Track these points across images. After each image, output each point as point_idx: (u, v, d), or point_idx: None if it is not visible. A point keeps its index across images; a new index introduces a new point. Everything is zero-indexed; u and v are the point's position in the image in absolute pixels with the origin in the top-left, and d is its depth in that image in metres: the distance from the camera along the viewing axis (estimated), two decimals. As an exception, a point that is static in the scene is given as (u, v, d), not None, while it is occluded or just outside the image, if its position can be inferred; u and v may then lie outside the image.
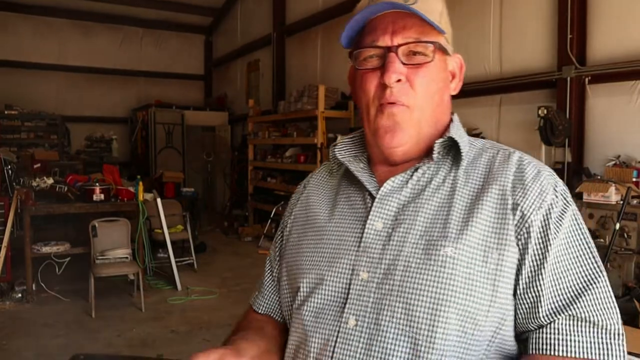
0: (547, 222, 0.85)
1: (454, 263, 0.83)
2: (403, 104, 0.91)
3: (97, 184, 5.79)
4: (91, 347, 4.18)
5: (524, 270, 0.84)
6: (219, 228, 9.86)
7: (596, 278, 0.84)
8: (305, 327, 0.93)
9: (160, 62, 12.83)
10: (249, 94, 11.20)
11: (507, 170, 0.90)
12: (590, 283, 0.83)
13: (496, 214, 0.86)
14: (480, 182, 0.90)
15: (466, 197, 0.89)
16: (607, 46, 4.57)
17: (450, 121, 0.99)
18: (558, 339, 0.82)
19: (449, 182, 0.92)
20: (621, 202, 3.32)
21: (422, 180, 0.93)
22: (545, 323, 0.83)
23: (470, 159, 0.95)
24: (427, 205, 0.90)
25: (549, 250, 0.84)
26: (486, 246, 0.84)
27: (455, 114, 1.02)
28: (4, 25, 11.07)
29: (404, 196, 0.92)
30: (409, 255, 0.86)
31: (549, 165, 4.75)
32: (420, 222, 0.88)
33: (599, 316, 0.81)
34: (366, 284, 0.88)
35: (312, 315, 0.93)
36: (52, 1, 11.20)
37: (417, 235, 0.87)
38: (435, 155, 0.92)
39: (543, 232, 0.84)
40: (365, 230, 0.92)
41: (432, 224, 0.88)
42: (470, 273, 0.83)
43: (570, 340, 0.81)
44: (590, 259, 0.86)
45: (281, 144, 8.74)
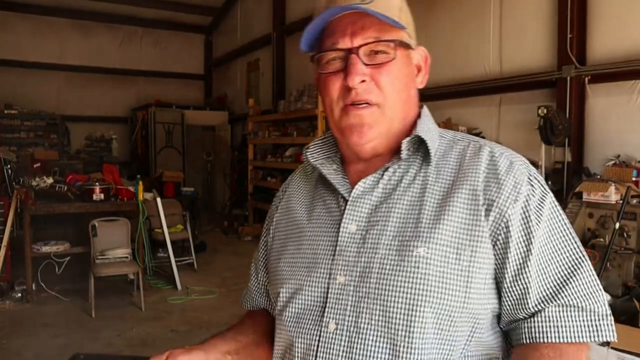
0: (527, 213, 0.86)
1: (427, 263, 0.84)
2: (372, 104, 0.90)
3: (97, 184, 5.79)
4: (91, 347, 4.18)
5: (509, 264, 0.86)
6: (218, 228, 9.86)
7: (580, 263, 0.87)
8: (289, 332, 0.95)
9: (160, 62, 12.82)
10: (249, 93, 11.19)
11: (478, 165, 0.89)
12: (575, 269, 0.86)
13: (467, 212, 0.86)
14: (451, 177, 0.90)
15: (437, 194, 0.89)
16: (607, 46, 4.57)
17: (418, 116, 0.98)
18: (549, 326, 0.84)
19: (419, 179, 0.92)
20: (621, 201, 3.32)
21: (392, 180, 0.93)
22: (535, 312, 0.85)
23: (441, 152, 0.95)
24: (399, 204, 0.90)
25: (532, 242, 0.85)
26: (459, 244, 0.85)
27: (424, 106, 1.01)
28: (4, 25, 11.06)
29: (375, 197, 0.93)
30: (383, 257, 0.87)
31: (549, 165, 4.78)
32: (392, 222, 0.89)
33: (585, 301, 0.85)
34: (344, 287, 0.89)
35: (293, 321, 0.94)
36: (52, 1, 11.19)
37: (390, 236, 0.88)
38: (403, 154, 0.92)
39: (524, 224, 0.86)
40: (340, 234, 0.93)
41: (404, 224, 0.88)
42: (444, 272, 0.84)
43: (561, 326, 0.84)
44: (572, 244, 0.88)
45: (281, 143, 8.74)
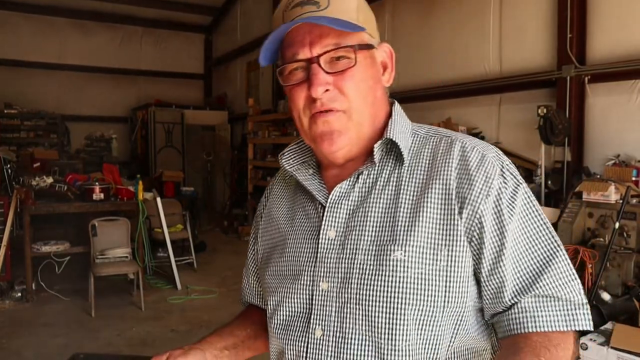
0: (499, 207, 0.86)
1: (404, 267, 0.85)
2: (338, 110, 0.89)
3: (96, 183, 5.79)
4: (91, 347, 4.18)
5: (485, 259, 0.86)
6: (218, 227, 9.86)
7: (554, 253, 0.86)
8: (278, 339, 0.97)
9: (160, 62, 12.81)
10: (248, 93, 11.18)
11: (449, 161, 0.89)
12: (550, 259, 0.86)
13: (442, 211, 0.87)
14: (425, 175, 0.90)
15: (412, 194, 0.89)
16: (606, 45, 4.57)
17: (389, 115, 0.97)
18: (525, 317, 0.85)
19: (393, 180, 0.92)
20: (621, 201, 3.33)
21: (367, 183, 0.93)
22: (512, 304, 0.86)
23: (415, 150, 0.94)
24: (375, 208, 0.90)
25: (505, 236, 0.85)
26: (435, 244, 0.86)
27: (395, 102, 1.00)
28: (4, 24, 11.05)
29: (352, 201, 0.93)
30: (362, 262, 0.88)
31: (549, 164, 4.78)
32: (369, 226, 0.90)
33: (561, 291, 0.85)
34: (327, 294, 0.90)
35: (282, 329, 0.96)
36: (52, 0, 11.19)
37: (368, 241, 0.89)
38: (376, 158, 0.92)
39: (496, 218, 0.86)
40: (320, 240, 0.93)
41: (381, 228, 0.89)
42: (422, 273, 0.85)
43: (537, 316, 0.84)
44: (546, 235, 0.88)
45: (281, 143, 8.73)
